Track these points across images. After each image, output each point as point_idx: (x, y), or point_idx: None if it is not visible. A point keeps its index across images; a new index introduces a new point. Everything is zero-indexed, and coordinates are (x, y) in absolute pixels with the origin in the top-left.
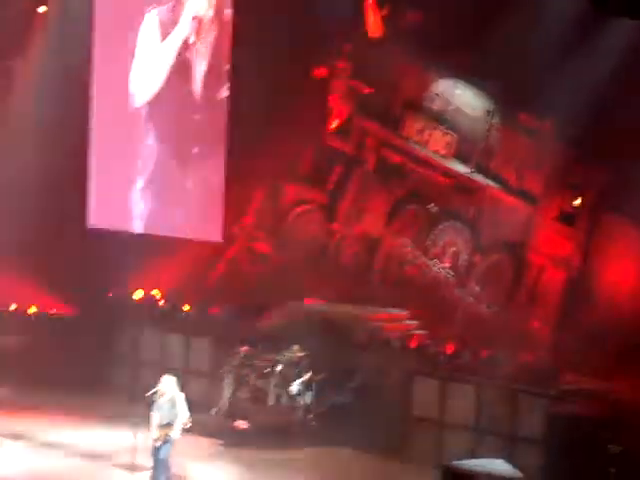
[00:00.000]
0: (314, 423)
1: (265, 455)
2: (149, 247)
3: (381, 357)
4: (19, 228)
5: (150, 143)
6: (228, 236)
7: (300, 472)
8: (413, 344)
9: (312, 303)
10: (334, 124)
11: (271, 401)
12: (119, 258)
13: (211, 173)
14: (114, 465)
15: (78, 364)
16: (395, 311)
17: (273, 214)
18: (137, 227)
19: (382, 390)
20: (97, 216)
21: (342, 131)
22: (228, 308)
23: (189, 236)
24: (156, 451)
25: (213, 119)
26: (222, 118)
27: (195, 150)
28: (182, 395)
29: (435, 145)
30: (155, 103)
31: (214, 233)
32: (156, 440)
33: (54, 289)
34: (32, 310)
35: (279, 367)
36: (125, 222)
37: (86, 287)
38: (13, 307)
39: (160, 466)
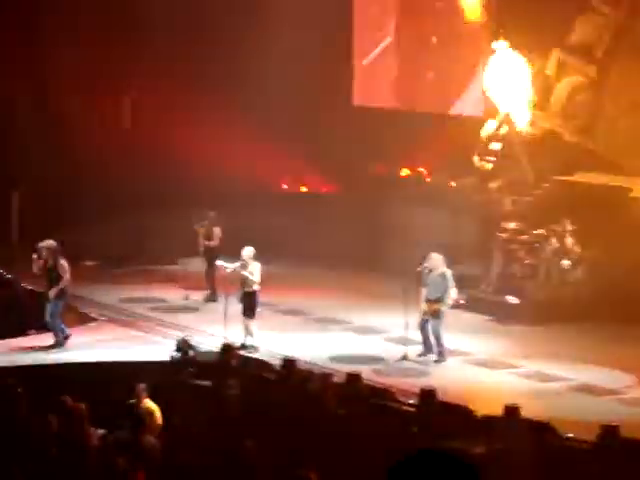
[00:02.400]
0: (585, 298)
1: (536, 330)
2: (415, 124)
3: None
4: (286, 111)
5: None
6: (493, 111)
7: (570, 347)
8: None
9: (582, 175)
10: None
11: (541, 276)
12: (386, 136)
13: (472, 47)
14: (386, 339)
15: (348, 242)
16: None
17: (542, 87)
18: (402, 104)
19: None
20: (362, 94)
21: None
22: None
23: (454, 112)
24: (425, 325)
25: None
26: None
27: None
28: (450, 271)
29: None
30: None
31: (478, 108)
32: (425, 314)
33: (323, 169)
34: (303, 189)
35: (549, 242)
36: (390, 99)
37: (353, 165)
38: (285, 187)
39: (430, 340)
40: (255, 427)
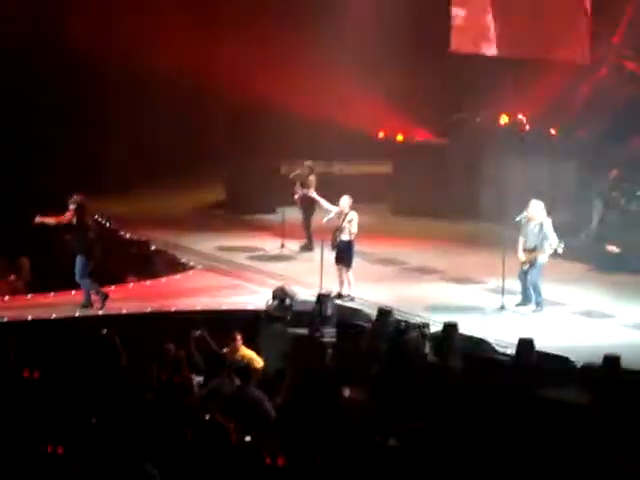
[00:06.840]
0: None
1: (636, 279)
2: (513, 71)
3: None
4: (382, 59)
5: None
6: (595, 57)
7: None
8: None
9: None
10: None
11: None
12: (484, 83)
13: None
14: (483, 289)
15: (445, 190)
16: None
17: None
18: (499, 51)
19: None
20: (458, 41)
21: None
22: (596, 131)
23: (554, 57)
24: (524, 275)
25: None
26: None
27: None
28: (550, 220)
29: None
30: None
31: (580, 54)
32: (524, 264)
33: (419, 117)
34: (399, 138)
35: None
36: (486, 46)
37: (451, 113)
38: (381, 135)
39: (529, 289)
40: (350, 376)
